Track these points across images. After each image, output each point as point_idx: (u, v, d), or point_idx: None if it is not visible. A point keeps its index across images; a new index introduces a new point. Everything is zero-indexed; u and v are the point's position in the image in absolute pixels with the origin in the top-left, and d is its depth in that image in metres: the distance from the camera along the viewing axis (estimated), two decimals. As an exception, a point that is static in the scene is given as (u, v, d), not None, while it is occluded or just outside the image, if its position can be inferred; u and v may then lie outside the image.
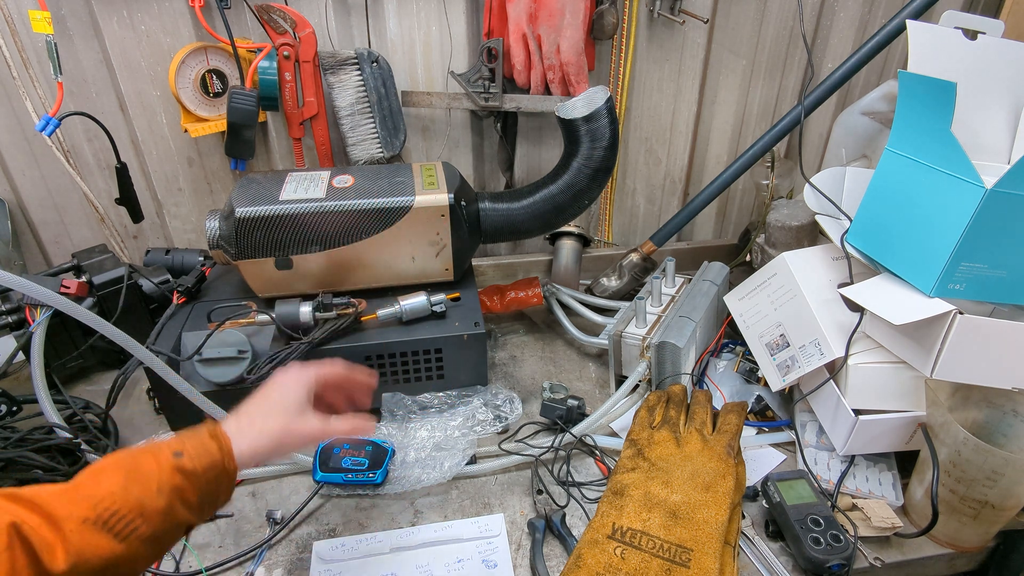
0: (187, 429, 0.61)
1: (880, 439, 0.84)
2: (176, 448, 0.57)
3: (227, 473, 0.60)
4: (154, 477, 0.55)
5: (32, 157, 1.10)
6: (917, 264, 0.78)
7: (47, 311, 0.90)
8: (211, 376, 0.88)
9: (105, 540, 0.51)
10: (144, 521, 0.53)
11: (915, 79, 0.76)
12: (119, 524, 0.52)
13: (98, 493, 0.52)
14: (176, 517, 0.56)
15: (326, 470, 0.85)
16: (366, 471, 0.85)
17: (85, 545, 0.50)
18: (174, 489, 0.55)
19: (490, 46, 1.08)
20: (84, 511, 0.51)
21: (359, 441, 0.88)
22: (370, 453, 0.87)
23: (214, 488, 0.59)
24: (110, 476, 0.54)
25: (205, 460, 0.58)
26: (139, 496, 0.53)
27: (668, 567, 0.65)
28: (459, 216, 0.97)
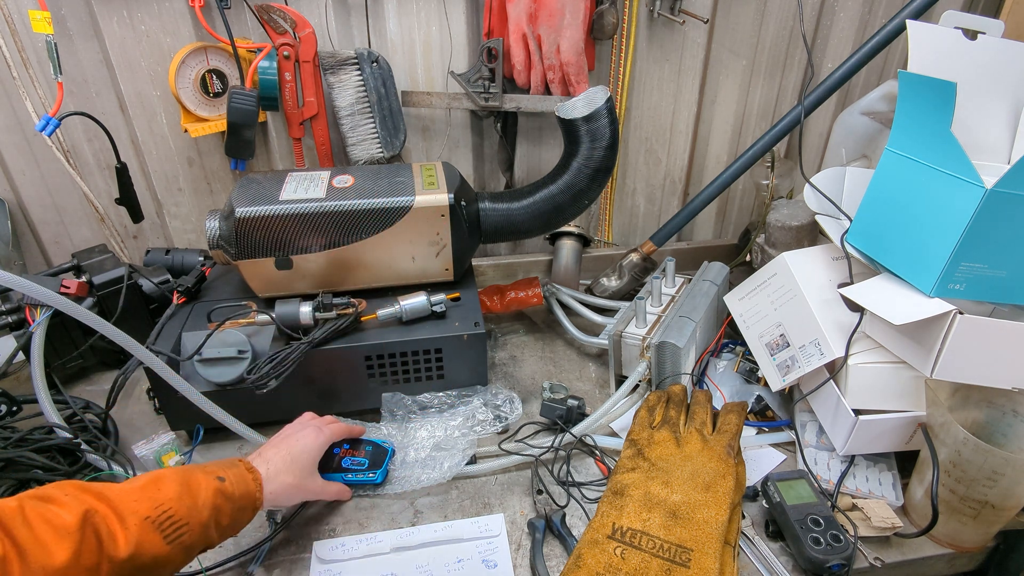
0: (222, 460, 0.71)
1: (880, 439, 0.84)
2: (219, 474, 0.66)
3: (254, 505, 0.69)
4: (203, 493, 0.63)
5: (32, 157, 1.10)
6: (917, 264, 0.78)
7: (47, 311, 0.90)
8: (211, 376, 0.88)
9: (157, 539, 0.57)
10: (188, 530, 0.60)
11: (915, 79, 0.76)
12: (171, 528, 0.59)
13: (159, 497, 0.59)
14: (209, 534, 0.63)
15: (326, 471, 0.84)
16: (366, 471, 0.85)
17: (142, 540, 0.56)
18: (215, 508, 0.63)
19: (490, 46, 1.08)
20: (147, 510, 0.58)
21: (359, 441, 0.88)
22: (370, 453, 0.87)
23: (240, 516, 0.67)
24: (169, 484, 0.61)
25: (242, 488, 0.67)
26: (189, 506, 0.61)
27: (668, 567, 0.65)
28: (459, 216, 0.97)
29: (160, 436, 0.89)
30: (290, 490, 0.74)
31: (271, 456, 0.75)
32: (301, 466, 0.76)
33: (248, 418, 0.87)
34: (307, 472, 0.77)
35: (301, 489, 0.76)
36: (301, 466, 0.76)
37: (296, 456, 0.76)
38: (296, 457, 0.76)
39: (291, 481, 0.74)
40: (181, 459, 0.88)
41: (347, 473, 0.85)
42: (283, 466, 0.74)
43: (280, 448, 0.77)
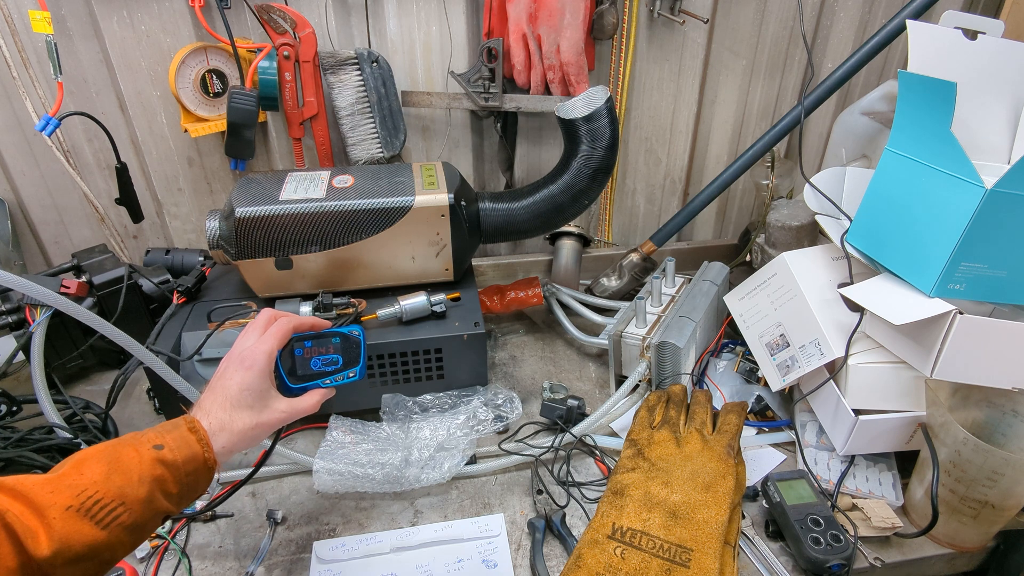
0: (164, 423, 0.62)
1: (880, 439, 0.84)
2: (156, 441, 0.59)
3: (206, 467, 0.62)
4: (135, 468, 0.56)
5: (32, 157, 1.10)
6: (917, 264, 0.78)
7: (47, 311, 0.90)
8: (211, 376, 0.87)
9: (88, 527, 0.52)
10: (126, 509, 0.55)
11: (915, 79, 0.76)
12: (101, 512, 0.53)
13: (81, 482, 0.54)
14: (156, 506, 0.58)
15: (297, 381, 0.72)
16: (343, 369, 0.74)
17: (68, 532, 0.51)
18: (155, 479, 0.57)
19: (490, 46, 1.08)
20: (67, 499, 0.52)
21: (322, 336, 0.75)
22: (339, 346, 0.74)
23: (193, 480, 0.61)
24: (92, 466, 0.55)
25: (185, 452, 0.60)
26: (121, 485, 0.55)
27: (668, 567, 0.65)
28: (459, 216, 0.97)
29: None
30: (245, 435, 0.65)
31: (210, 406, 0.65)
32: (248, 406, 0.66)
33: (248, 418, 0.87)
34: (258, 409, 0.66)
35: (260, 427, 0.66)
36: (248, 406, 0.66)
37: (236, 397, 0.66)
38: (236, 399, 0.65)
39: (242, 426, 0.65)
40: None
41: (322, 379, 0.73)
42: (225, 414, 0.64)
43: (216, 394, 0.66)
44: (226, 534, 0.81)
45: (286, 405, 0.69)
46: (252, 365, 0.67)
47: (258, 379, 0.67)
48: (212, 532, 0.82)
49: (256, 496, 0.87)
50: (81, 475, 0.55)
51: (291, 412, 0.69)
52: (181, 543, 0.80)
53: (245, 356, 0.68)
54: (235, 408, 0.65)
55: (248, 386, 0.66)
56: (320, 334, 0.75)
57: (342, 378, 0.73)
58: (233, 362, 0.69)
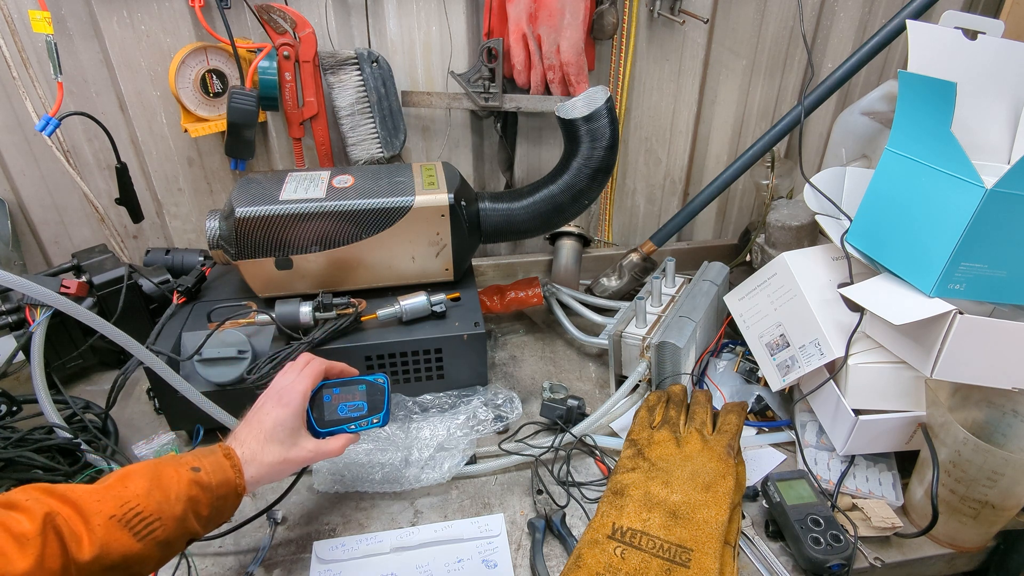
0: (201, 448, 0.67)
1: (880, 439, 0.84)
2: (194, 463, 0.64)
3: (236, 492, 0.66)
4: (174, 486, 0.61)
5: (32, 157, 1.10)
6: (917, 264, 0.78)
7: (47, 311, 0.90)
8: (211, 376, 0.88)
9: (126, 537, 0.56)
10: (161, 525, 0.59)
11: (915, 79, 0.76)
12: (140, 524, 0.57)
13: (125, 494, 0.58)
14: (187, 526, 0.61)
15: (324, 425, 0.77)
16: (367, 416, 0.78)
17: (109, 539, 0.55)
18: (190, 499, 0.61)
19: (490, 46, 1.08)
20: (112, 509, 0.56)
21: (348, 383, 0.80)
22: (365, 393, 0.79)
23: (223, 504, 0.65)
24: (137, 480, 0.60)
25: (219, 477, 0.64)
26: (160, 501, 0.59)
27: (668, 567, 0.65)
28: (459, 216, 0.97)
29: (160, 436, 0.89)
30: (273, 468, 0.69)
31: (245, 437, 0.70)
32: (279, 441, 0.71)
33: (248, 418, 0.87)
34: (288, 445, 0.71)
35: (287, 463, 0.71)
36: (279, 441, 0.71)
37: (270, 432, 0.70)
38: (270, 433, 0.70)
39: (272, 459, 0.69)
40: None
41: (348, 424, 0.77)
42: (258, 446, 0.69)
43: (251, 426, 0.71)
44: (226, 534, 0.81)
45: (313, 445, 0.73)
46: (288, 403, 0.73)
47: (292, 416, 0.72)
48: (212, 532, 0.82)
49: (256, 496, 0.87)
50: (126, 488, 0.59)
51: (317, 452, 0.73)
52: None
53: (282, 393, 0.73)
54: (267, 441, 0.70)
55: (282, 422, 0.71)
56: (347, 381, 0.80)
57: (366, 423, 0.78)
58: (271, 398, 0.74)
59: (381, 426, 0.79)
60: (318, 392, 0.78)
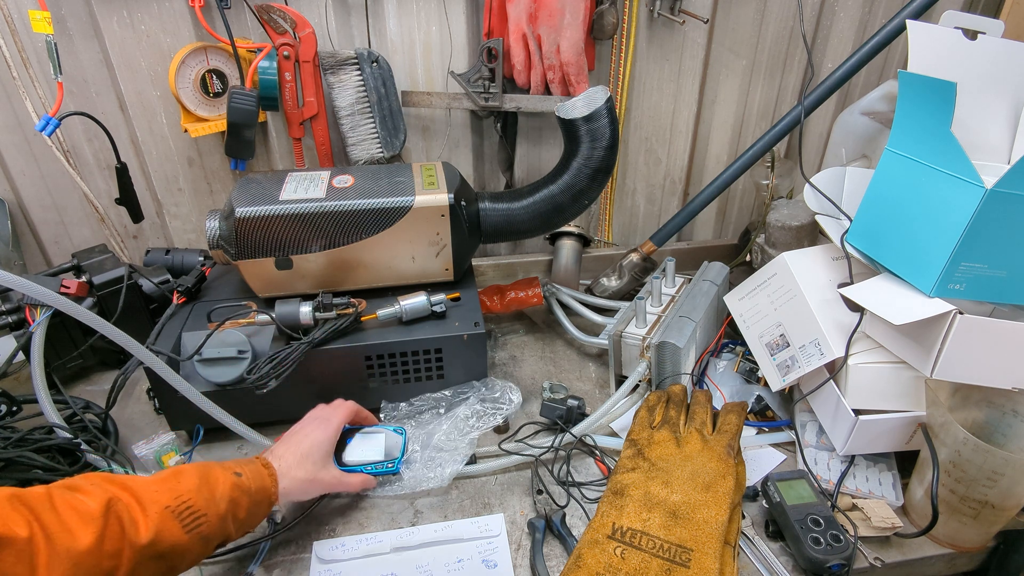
0: (241, 459, 0.73)
1: (880, 439, 0.84)
2: (236, 469, 0.69)
3: (269, 500, 0.72)
4: (220, 486, 0.66)
5: (32, 157, 1.10)
6: (917, 264, 0.78)
7: (47, 311, 0.90)
8: (211, 376, 0.88)
9: (176, 528, 0.60)
10: (206, 521, 0.63)
11: (915, 79, 0.76)
12: (190, 517, 0.61)
13: (179, 488, 0.63)
14: (226, 526, 0.66)
15: (344, 465, 0.84)
16: (384, 461, 0.85)
17: (162, 528, 0.59)
18: (232, 500, 0.66)
19: (490, 46, 1.08)
20: (167, 499, 0.61)
21: (370, 431, 0.89)
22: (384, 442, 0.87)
23: (257, 510, 0.70)
24: (189, 477, 0.64)
25: (258, 483, 0.70)
26: (208, 498, 0.64)
27: (668, 567, 0.65)
28: (459, 216, 0.97)
29: (160, 436, 0.89)
30: (304, 485, 0.76)
31: (282, 453, 0.77)
32: (313, 461, 0.78)
33: (248, 418, 0.87)
34: (319, 466, 0.78)
35: (315, 483, 0.78)
36: (313, 461, 0.78)
37: (306, 451, 0.78)
38: (307, 452, 0.78)
39: (304, 476, 0.76)
40: (181, 459, 0.88)
41: (365, 466, 0.85)
42: (294, 461, 0.76)
43: (290, 445, 0.78)
44: (226, 534, 0.81)
45: (338, 474, 0.81)
46: (326, 429, 0.81)
47: (327, 441, 0.80)
48: (212, 532, 0.82)
49: (256, 496, 0.87)
50: (179, 482, 0.63)
51: (339, 481, 0.81)
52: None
53: (322, 420, 0.82)
54: (303, 459, 0.77)
55: (318, 444, 0.79)
56: (370, 430, 0.89)
57: (381, 467, 0.85)
58: (311, 422, 0.82)
59: (395, 472, 0.86)
60: (343, 437, 0.86)
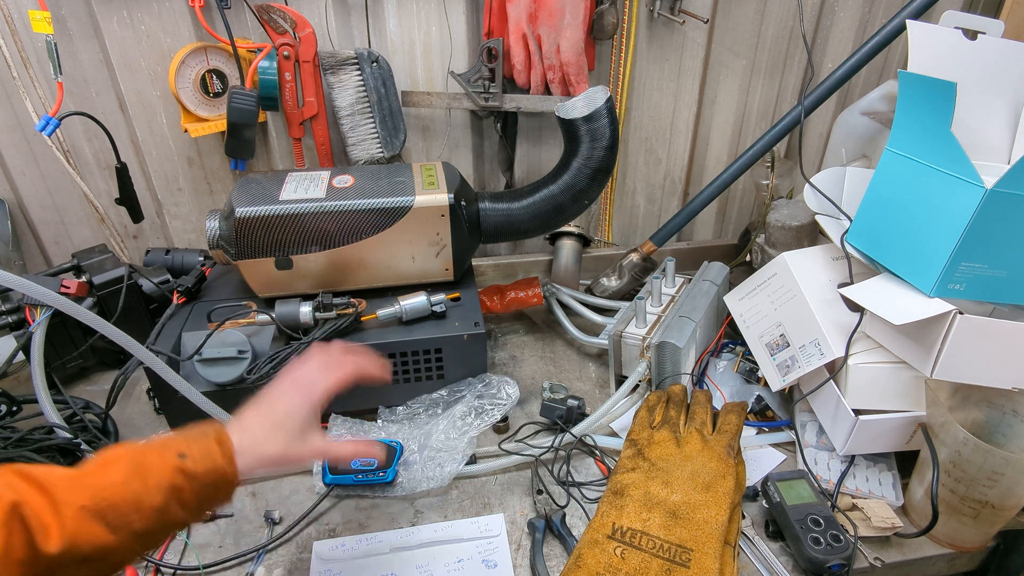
0: (194, 430, 0.61)
1: (880, 439, 0.84)
2: (182, 449, 0.58)
3: (228, 480, 0.61)
4: (155, 474, 0.56)
5: (32, 157, 1.10)
6: (917, 264, 0.78)
7: (47, 311, 0.90)
8: (211, 376, 0.88)
9: (98, 529, 0.53)
10: (139, 516, 0.55)
11: (915, 79, 0.76)
12: (114, 516, 0.53)
13: (100, 483, 0.54)
14: (170, 516, 0.57)
15: (336, 473, 0.85)
16: (376, 470, 0.85)
17: (78, 532, 0.52)
18: (172, 488, 0.56)
19: (490, 46, 1.08)
20: (84, 499, 0.53)
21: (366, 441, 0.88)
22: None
23: (212, 493, 0.60)
24: (115, 468, 0.56)
25: (207, 465, 0.59)
26: (138, 492, 0.55)
27: (668, 567, 0.65)
28: (459, 216, 0.97)
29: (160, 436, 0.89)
30: (272, 461, 0.64)
31: (251, 422, 0.64)
32: (287, 432, 0.65)
33: (248, 418, 0.87)
34: (295, 437, 0.65)
35: (288, 458, 0.65)
36: (287, 432, 0.65)
37: (279, 421, 0.65)
38: (279, 422, 0.65)
39: (273, 452, 0.63)
40: (181, 459, 0.88)
41: (357, 474, 0.84)
42: (263, 434, 0.64)
43: (260, 411, 0.66)
44: (226, 534, 0.81)
45: (322, 444, 0.68)
46: (309, 395, 0.67)
47: (309, 410, 0.67)
48: (212, 532, 0.82)
49: (256, 496, 0.87)
50: (104, 475, 0.55)
51: (325, 451, 0.69)
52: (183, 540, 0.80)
53: (306, 385, 0.68)
54: (274, 430, 0.64)
55: (295, 413, 0.66)
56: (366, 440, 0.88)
57: (373, 475, 0.84)
58: (292, 385, 0.68)
59: (388, 481, 0.85)
60: None
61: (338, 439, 0.89)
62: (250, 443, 0.62)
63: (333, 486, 0.85)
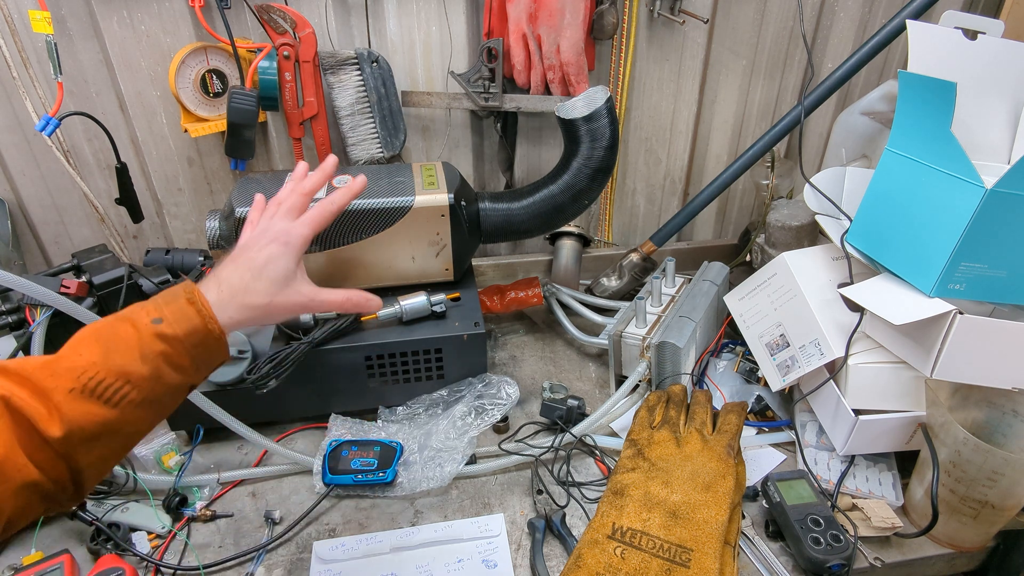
0: (164, 293, 0.58)
1: (880, 439, 0.84)
2: (155, 314, 0.56)
3: (213, 336, 0.58)
4: (135, 345, 0.54)
5: (32, 157, 1.10)
6: (917, 264, 0.78)
7: (47, 311, 0.90)
8: (211, 376, 0.87)
9: (96, 407, 0.52)
10: (132, 387, 0.53)
11: (915, 79, 0.76)
12: (107, 391, 0.52)
13: (80, 364, 0.53)
14: (168, 380, 0.56)
15: (335, 473, 0.85)
16: (376, 471, 0.85)
17: (75, 413, 0.51)
18: (159, 355, 0.55)
19: (490, 46, 1.08)
20: (68, 382, 0.52)
21: (367, 442, 0.88)
22: (378, 453, 0.87)
23: (203, 352, 0.58)
24: (89, 347, 0.54)
25: (185, 326, 0.56)
26: (121, 364, 0.53)
27: (668, 567, 0.65)
28: (459, 216, 0.97)
29: (160, 436, 0.89)
30: (257, 310, 0.61)
31: (229, 274, 0.61)
32: (271, 279, 0.61)
33: (248, 418, 0.87)
34: (280, 285, 0.62)
35: (273, 307, 0.62)
36: (271, 279, 0.61)
37: (260, 267, 0.62)
38: (261, 269, 0.62)
39: (256, 300, 0.60)
40: (181, 459, 0.88)
41: (357, 474, 0.85)
42: (242, 285, 0.60)
43: (238, 263, 0.62)
44: (226, 534, 0.81)
45: (310, 291, 0.65)
46: (288, 242, 0.64)
47: (290, 258, 0.64)
48: (212, 532, 0.82)
49: (256, 496, 0.87)
50: (79, 356, 0.53)
51: (313, 299, 0.65)
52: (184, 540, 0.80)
53: (281, 233, 0.65)
54: (256, 279, 0.61)
55: (275, 259, 0.63)
56: (365, 441, 0.89)
57: (373, 476, 0.84)
58: (265, 235, 0.65)
59: (388, 481, 0.85)
60: (338, 447, 0.87)
61: (338, 438, 0.89)
62: (230, 294, 0.60)
63: (333, 486, 0.85)
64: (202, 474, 0.88)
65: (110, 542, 0.78)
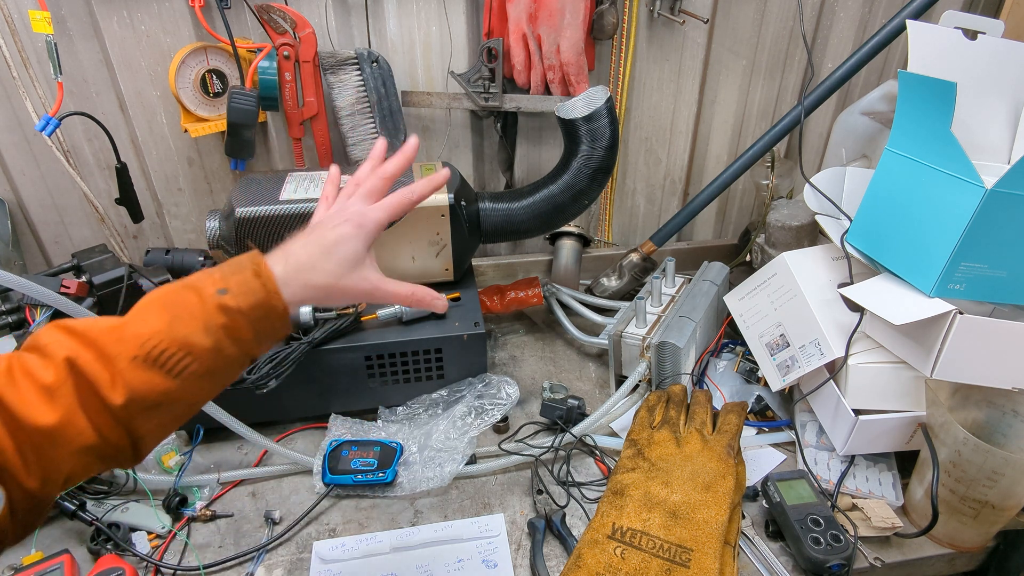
0: (231, 262, 0.57)
1: (880, 439, 0.84)
2: (220, 285, 0.55)
3: (276, 311, 0.57)
4: (199, 316, 0.53)
5: (32, 157, 1.10)
6: (917, 264, 0.78)
7: (47, 311, 0.90)
8: (211, 376, 0.87)
9: (158, 376, 0.51)
10: (194, 359, 0.52)
11: (915, 79, 0.76)
12: (170, 361, 0.51)
13: (144, 332, 0.52)
14: (228, 353, 0.55)
15: (335, 473, 0.85)
16: (375, 471, 0.85)
17: (137, 382, 0.50)
18: (221, 328, 0.54)
19: (490, 46, 1.08)
20: (132, 350, 0.51)
21: (366, 442, 0.88)
22: (378, 453, 0.87)
23: (266, 325, 0.56)
24: (156, 314, 0.53)
25: (250, 299, 0.55)
26: (185, 334, 0.52)
27: (668, 567, 0.65)
28: (459, 216, 0.97)
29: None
30: (319, 291, 0.59)
31: (296, 250, 0.60)
32: (339, 261, 0.60)
33: (248, 418, 0.87)
34: (347, 267, 0.61)
35: (336, 289, 0.60)
36: (339, 261, 0.60)
37: (329, 249, 0.60)
38: (329, 250, 0.60)
39: (322, 280, 0.59)
40: (181, 459, 0.88)
41: (356, 474, 0.85)
42: (309, 262, 0.59)
43: (310, 240, 0.61)
44: (226, 534, 0.81)
45: (376, 279, 0.63)
46: (362, 225, 0.62)
47: (361, 241, 0.62)
48: (212, 532, 0.82)
49: (256, 496, 0.87)
50: (145, 323, 0.52)
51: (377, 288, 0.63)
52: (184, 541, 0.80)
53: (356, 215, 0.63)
54: (324, 258, 0.60)
55: (346, 240, 0.61)
56: (364, 441, 0.89)
57: (372, 476, 0.85)
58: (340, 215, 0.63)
59: (388, 481, 0.85)
60: (338, 447, 0.87)
61: (338, 439, 0.89)
62: (295, 271, 0.58)
63: (333, 486, 0.85)
64: (202, 474, 0.88)
65: (110, 542, 0.78)
